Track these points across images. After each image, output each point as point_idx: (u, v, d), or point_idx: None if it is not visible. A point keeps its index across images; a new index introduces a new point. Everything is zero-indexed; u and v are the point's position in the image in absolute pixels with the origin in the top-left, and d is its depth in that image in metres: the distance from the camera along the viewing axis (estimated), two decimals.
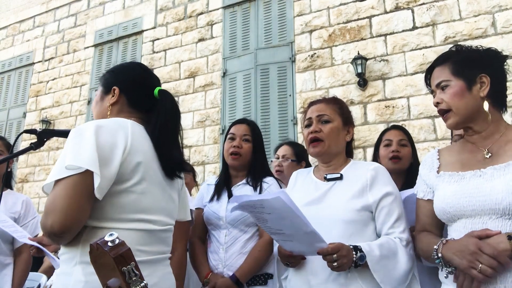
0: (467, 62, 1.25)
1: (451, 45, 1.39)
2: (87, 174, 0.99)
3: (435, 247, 1.17)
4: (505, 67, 1.27)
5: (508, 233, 1.05)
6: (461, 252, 1.08)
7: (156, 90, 1.29)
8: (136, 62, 1.42)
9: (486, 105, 1.21)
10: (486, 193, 1.11)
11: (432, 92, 1.33)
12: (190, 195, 2.59)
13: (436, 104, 1.28)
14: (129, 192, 1.08)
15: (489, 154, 1.20)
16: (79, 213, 0.99)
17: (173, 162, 1.23)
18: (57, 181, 1.01)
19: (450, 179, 1.23)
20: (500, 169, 1.14)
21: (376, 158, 2.10)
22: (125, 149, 1.08)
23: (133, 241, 1.06)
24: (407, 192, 1.59)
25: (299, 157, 2.35)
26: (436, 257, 1.16)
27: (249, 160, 1.97)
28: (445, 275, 1.17)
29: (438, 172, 1.29)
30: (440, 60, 1.30)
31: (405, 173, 1.97)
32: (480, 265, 1.03)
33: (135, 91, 1.29)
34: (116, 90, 1.27)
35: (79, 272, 1.01)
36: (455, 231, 1.18)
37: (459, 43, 2.48)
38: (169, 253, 1.24)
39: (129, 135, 1.11)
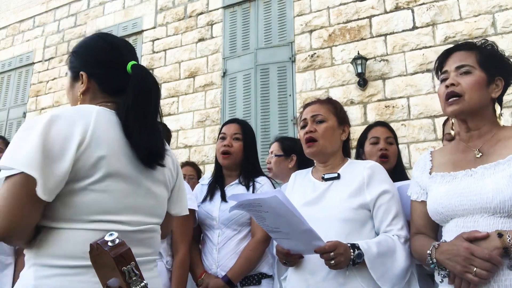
0: (492, 59, 1.25)
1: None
2: (29, 175, 0.87)
3: (428, 251, 1.17)
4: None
5: (498, 230, 1.05)
6: (454, 257, 1.08)
7: (128, 66, 1.09)
8: (97, 35, 1.17)
9: (498, 108, 1.23)
10: (477, 192, 1.12)
11: (441, 73, 1.30)
12: None
13: (450, 85, 1.23)
14: (88, 190, 0.93)
15: (480, 154, 1.21)
16: (23, 217, 0.88)
17: (148, 151, 1.04)
18: (7, 177, 0.89)
19: (442, 179, 1.23)
20: (490, 168, 1.15)
21: (360, 155, 2.03)
22: (82, 142, 0.92)
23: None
24: (397, 184, 1.57)
25: (287, 152, 2.26)
26: (430, 262, 1.16)
27: (240, 158, 1.95)
28: (440, 280, 1.16)
29: (430, 173, 1.29)
30: (466, 46, 1.29)
31: (392, 172, 1.91)
32: (475, 269, 1.03)
33: (104, 73, 1.10)
34: (83, 76, 1.09)
35: (30, 275, 0.92)
36: (448, 232, 1.18)
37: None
38: (153, 255, 1.11)
39: (90, 125, 0.95)
